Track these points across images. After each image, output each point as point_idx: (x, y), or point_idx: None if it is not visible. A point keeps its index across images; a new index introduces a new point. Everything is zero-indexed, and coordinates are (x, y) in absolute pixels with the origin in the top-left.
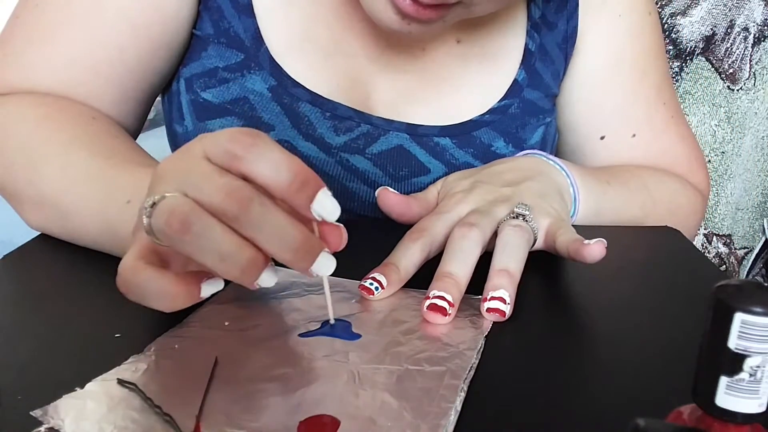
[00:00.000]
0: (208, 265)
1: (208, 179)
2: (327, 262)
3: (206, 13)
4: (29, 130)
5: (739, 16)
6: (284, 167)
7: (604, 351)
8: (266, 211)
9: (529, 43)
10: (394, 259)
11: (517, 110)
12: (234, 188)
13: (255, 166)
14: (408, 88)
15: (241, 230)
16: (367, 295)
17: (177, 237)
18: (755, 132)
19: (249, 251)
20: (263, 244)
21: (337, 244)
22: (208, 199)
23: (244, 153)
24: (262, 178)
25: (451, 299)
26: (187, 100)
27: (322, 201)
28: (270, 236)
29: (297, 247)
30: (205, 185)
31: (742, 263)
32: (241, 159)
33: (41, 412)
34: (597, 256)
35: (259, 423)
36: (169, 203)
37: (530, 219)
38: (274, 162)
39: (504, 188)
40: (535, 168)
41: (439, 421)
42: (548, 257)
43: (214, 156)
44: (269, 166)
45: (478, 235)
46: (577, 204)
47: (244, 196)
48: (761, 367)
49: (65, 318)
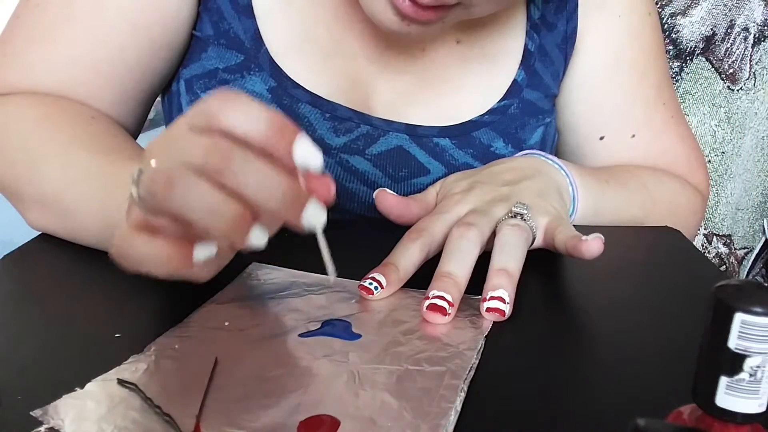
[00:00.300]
0: (195, 220)
1: (189, 141)
2: (317, 212)
3: (206, 14)
4: (30, 130)
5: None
6: (260, 117)
7: (604, 351)
8: (248, 163)
9: (529, 44)
10: (393, 259)
11: (517, 110)
12: (213, 143)
13: (231, 119)
14: (408, 88)
15: (226, 183)
16: (367, 294)
17: (162, 195)
18: (755, 132)
19: (234, 204)
20: (250, 195)
21: (326, 195)
22: (191, 158)
23: (218, 108)
24: (240, 129)
25: (450, 299)
26: (187, 101)
27: (302, 147)
28: (254, 187)
29: (282, 194)
30: (186, 147)
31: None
32: (217, 115)
33: (41, 412)
34: (595, 251)
35: (259, 423)
36: (155, 169)
37: (528, 218)
38: (250, 112)
39: (502, 188)
40: (533, 167)
41: (439, 421)
42: (548, 257)
43: (193, 121)
44: (245, 117)
45: (477, 235)
46: (576, 203)
47: (224, 148)
48: (761, 367)
49: (65, 318)
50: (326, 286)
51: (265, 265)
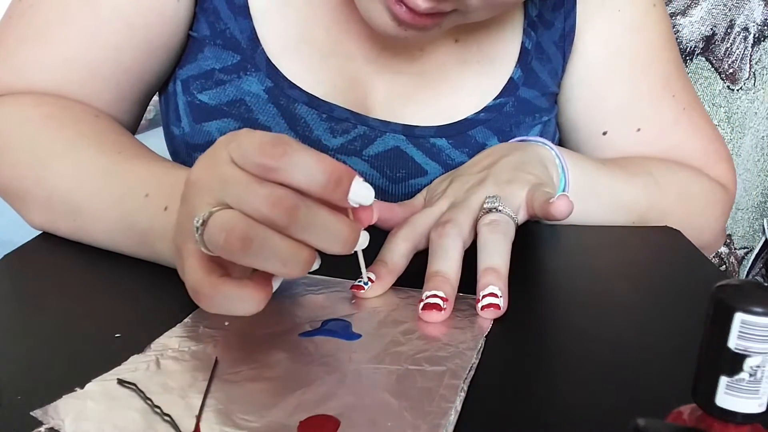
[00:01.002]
0: (270, 270)
1: (250, 191)
2: (364, 240)
3: (202, 15)
4: (34, 129)
5: (739, 16)
6: (317, 170)
7: (604, 351)
8: (312, 214)
9: (526, 42)
10: (380, 256)
11: (512, 108)
12: (278, 198)
13: (290, 175)
14: (405, 88)
15: (294, 235)
16: (359, 291)
17: (240, 253)
18: (755, 132)
19: (305, 251)
20: (314, 242)
21: (369, 220)
22: (256, 211)
23: (277, 165)
24: (299, 184)
25: (443, 295)
26: (184, 101)
27: (357, 191)
28: (320, 235)
29: (345, 239)
30: (248, 197)
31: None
32: (276, 170)
33: (41, 412)
34: (564, 210)
35: (259, 423)
36: (221, 221)
37: (502, 207)
38: (307, 167)
39: (480, 173)
40: (511, 147)
41: (439, 421)
42: (548, 257)
43: (245, 166)
44: (303, 173)
45: (455, 230)
46: (566, 174)
47: (290, 204)
48: (761, 367)
49: (65, 318)
50: (326, 286)
51: None
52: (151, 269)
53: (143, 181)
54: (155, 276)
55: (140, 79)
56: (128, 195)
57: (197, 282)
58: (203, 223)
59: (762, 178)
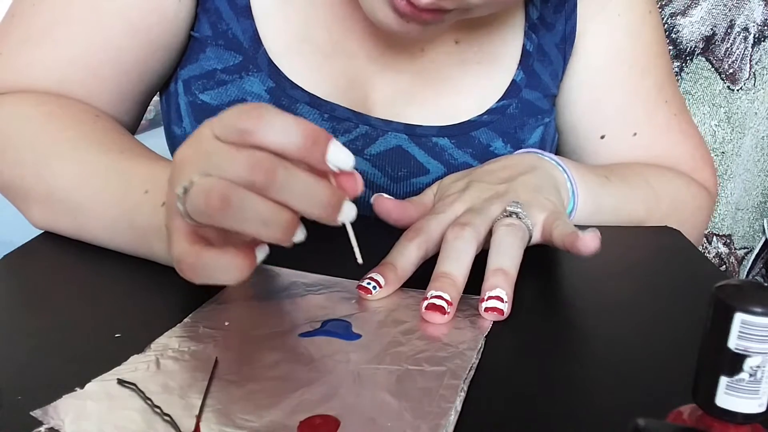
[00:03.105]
0: (252, 233)
1: (230, 157)
2: (349, 210)
3: (204, 15)
4: (36, 128)
5: (739, 16)
6: (294, 131)
7: (604, 351)
8: (291, 175)
9: (527, 44)
10: (391, 258)
11: (516, 110)
12: (257, 160)
13: (267, 136)
14: (406, 88)
15: (274, 196)
16: (365, 294)
17: (219, 214)
18: (755, 132)
19: (285, 213)
20: (295, 204)
21: (354, 190)
22: (236, 174)
23: (254, 126)
24: (276, 145)
25: (449, 298)
26: (185, 102)
27: (335, 152)
28: (300, 197)
29: (325, 201)
30: (228, 164)
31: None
32: (253, 132)
33: (41, 412)
34: (591, 247)
35: (259, 423)
36: (202, 185)
37: (523, 216)
38: (284, 128)
39: (498, 185)
40: (529, 164)
41: (439, 421)
42: (548, 257)
43: (225, 135)
44: (280, 133)
45: (472, 234)
46: (575, 198)
47: (268, 165)
48: (761, 367)
49: (65, 318)
50: (326, 286)
51: (265, 265)
52: (151, 269)
53: (143, 179)
54: (155, 276)
55: (141, 79)
56: (128, 193)
57: (180, 252)
58: (185, 191)
59: (762, 178)
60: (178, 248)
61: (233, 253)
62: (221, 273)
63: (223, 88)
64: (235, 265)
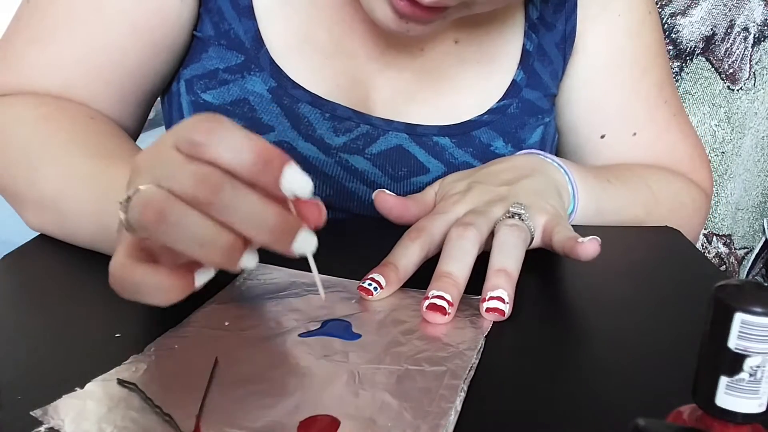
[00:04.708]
0: (187, 253)
1: (178, 168)
2: (307, 239)
3: (206, 15)
4: (29, 132)
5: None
6: (245, 149)
7: (604, 351)
8: (238, 194)
9: (527, 44)
10: (393, 258)
11: (516, 110)
12: (204, 175)
13: (216, 151)
14: (407, 87)
15: (216, 216)
16: (366, 296)
17: (153, 228)
18: (755, 132)
19: (226, 235)
20: (239, 227)
21: (316, 220)
22: (180, 188)
23: (205, 139)
24: (226, 162)
25: (450, 298)
26: (188, 101)
27: (290, 176)
28: (245, 219)
29: (273, 226)
30: (175, 174)
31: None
32: (203, 146)
33: (41, 412)
34: (591, 253)
35: (259, 423)
36: (143, 195)
37: (526, 218)
38: (235, 145)
39: (500, 187)
40: (532, 166)
41: (439, 421)
42: (548, 257)
43: (180, 145)
44: (230, 150)
45: (475, 235)
46: (576, 202)
47: (215, 181)
48: (761, 367)
49: (65, 318)
50: (326, 286)
51: (265, 265)
52: None
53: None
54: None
55: (144, 80)
56: (106, 201)
57: (113, 264)
58: (128, 199)
59: (762, 178)
60: (113, 260)
61: (165, 273)
62: (148, 293)
63: (225, 87)
64: (164, 286)
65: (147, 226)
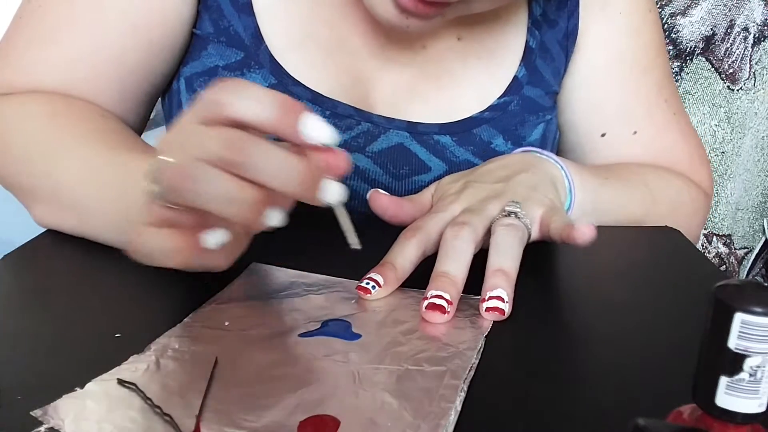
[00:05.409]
0: (215, 210)
1: (204, 136)
2: (334, 188)
3: (206, 13)
4: (43, 125)
5: (739, 16)
6: (265, 100)
7: (604, 351)
8: (264, 150)
9: (530, 41)
10: (390, 258)
11: (517, 107)
12: (228, 136)
13: (237, 107)
14: (408, 84)
15: (244, 175)
16: (365, 294)
17: (181, 187)
18: (755, 132)
19: (253, 190)
20: (268, 182)
21: (340, 168)
22: (206, 152)
23: (225, 98)
24: (247, 116)
25: (449, 297)
26: (188, 99)
27: (310, 123)
28: (273, 173)
29: (301, 177)
30: (200, 142)
31: (742, 263)
32: (224, 104)
33: (41, 412)
34: (587, 236)
35: (259, 423)
36: (170, 162)
37: (522, 215)
38: (254, 98)
39: (496, 185)
40: (527, 162)
41: (439, 421)
42: (548, 257)
43: (200, 113)
44: (250, 104)
45: (470, 234)
46: (573, 196)
47: (238, 140)
48: (761, 367)
49: (65, 318)
50: (326, 286)
51: (265, 265)
52: (151, 269)
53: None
54: (155, 276)
55: (145, 79)
56: (129, 190)
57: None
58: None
59: (762, 178)
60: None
61: (170, 233)
62: (158, 253)
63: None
64: (173, 245)
65: (175, 186)
